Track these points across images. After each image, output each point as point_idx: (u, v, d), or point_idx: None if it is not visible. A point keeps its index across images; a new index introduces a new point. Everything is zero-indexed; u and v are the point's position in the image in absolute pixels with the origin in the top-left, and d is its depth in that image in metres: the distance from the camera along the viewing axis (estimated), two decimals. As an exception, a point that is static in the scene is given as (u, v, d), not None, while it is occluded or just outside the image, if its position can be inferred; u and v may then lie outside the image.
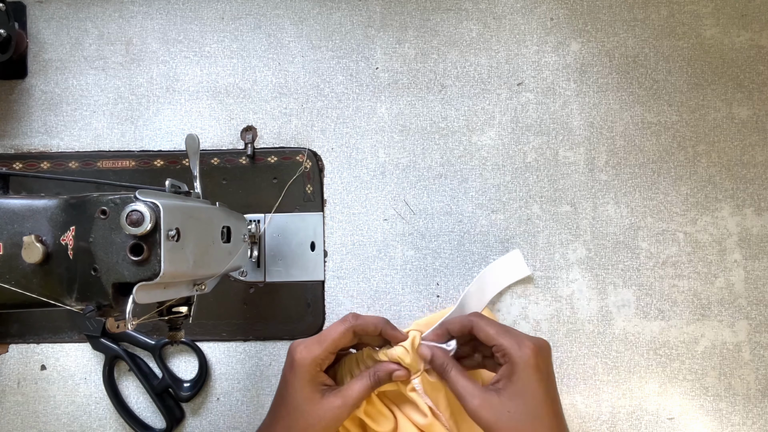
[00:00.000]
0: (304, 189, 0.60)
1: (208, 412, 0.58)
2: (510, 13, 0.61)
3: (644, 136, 0.60)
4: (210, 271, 0.45)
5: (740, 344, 0.57)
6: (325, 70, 0.61)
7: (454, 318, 0.50)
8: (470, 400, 0.44)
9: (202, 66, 0.61)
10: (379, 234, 0.59)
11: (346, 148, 0.60)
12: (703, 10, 0.61)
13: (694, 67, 0.60)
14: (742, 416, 0.57)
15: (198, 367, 0.58)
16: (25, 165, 0.60)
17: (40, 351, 0.59)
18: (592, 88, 0.60)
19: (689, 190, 0.59)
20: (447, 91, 0.61)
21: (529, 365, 0.43)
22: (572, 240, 0.59)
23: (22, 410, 0.58)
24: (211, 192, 0.59)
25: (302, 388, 0.47)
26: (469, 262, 0.59)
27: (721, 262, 0.58)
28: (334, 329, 0.49)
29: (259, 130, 0.61)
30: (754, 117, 0.59)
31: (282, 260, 0.59)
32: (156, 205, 0.36)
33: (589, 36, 0.61)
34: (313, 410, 0.47)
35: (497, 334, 0.46)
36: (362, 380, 0.48)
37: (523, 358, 0.44)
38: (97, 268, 0.36)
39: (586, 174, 0.59)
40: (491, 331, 0.46)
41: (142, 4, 0.62)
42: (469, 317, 0.49)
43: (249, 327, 0.59)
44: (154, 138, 0.61)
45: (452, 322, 0.49)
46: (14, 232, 0.39)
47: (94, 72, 0.62)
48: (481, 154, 0.60)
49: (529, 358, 0.44)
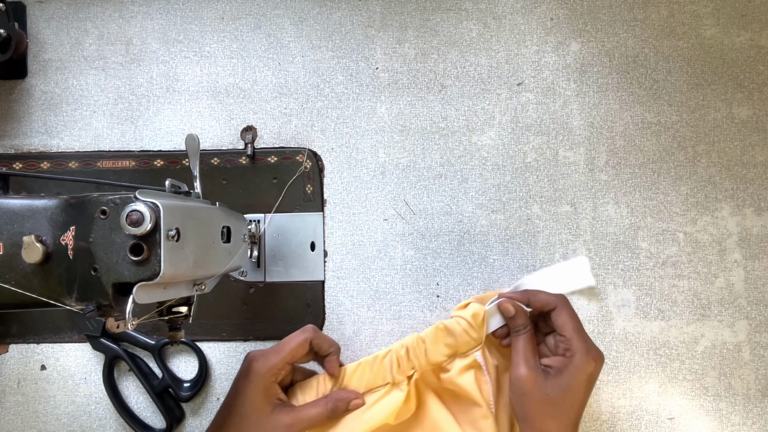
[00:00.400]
0: (304, 189, 0.60)
1: (208, 412, 0.58)
2: (510, 13, 0.61)
3: (644, 136, 0.60)
4: (210, 271, 0.45)
5: (740, 344, 0.57)
6: (325, 70, 0.61)
7: (541, 291, 0.50)
8: (523, 367, 0.46)
9: (202, 66, 0.61)
10: (379, 234, 0.59)
11: (346, 148, 0.60)
12: (703, 10, 0.61)
13: (694, 67, 0.60)
14: (742, 416, 0.57)
15: (198, 367, 0.58)
16: (25, 165, 0.60)
17: (40, 351, 0.59)
18: (592, 88, 0.60)
19: (689, 190, 0.59)
20: (447, 91, 0.61)
21: (585, 372, 0.45)
22: (572, 240, 0.59)
23: (22, 410, 0.58)
24: (211, 192, 0.59)
25: (254, 398, 0.47)
26: (469, 262, 0.59)
27: (721, 262, 0.58)
28: (292, 338, 0.49)
29: (259, 130, 0.61)
30: (754, 117, 0.59)
31: (282, 260, 0.59)
32: (156, 205, 0.36)
33: (589, 36, 0.61)
34: (260, 422, 0.47)
35: (574, 330, 0.47)
36: (318, 407, 0.48)
37: (584, 365, 0.45)
38: (97, 268, 0.36)
39: (586, 174, 0.59)
40: (571, 325, 0.47)
41: (142, 4, 0.62)
42: (557, 297, 0.49)
43: (249, 327, 0.59)
44: (154, 138, 0.61)
45: (537, 294, 0.50)
46: (14, 232, 0.39)
47: (94, 72, 0.62)
48: (481, 154, 0.60)
49: (589, 367, 0.45)
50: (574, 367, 0.45)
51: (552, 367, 0.46)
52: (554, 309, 0.48)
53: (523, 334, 0.48)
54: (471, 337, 0.50)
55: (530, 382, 0.46)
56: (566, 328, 0.47)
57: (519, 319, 0.49)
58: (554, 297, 0.49)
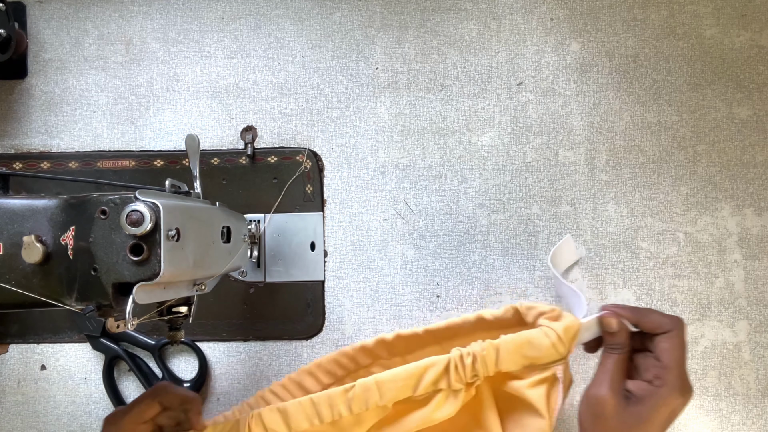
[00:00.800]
0: (304, 189, 0.60)
1: (208, 412, 0.58)
2: (510, 13, 0.61)
3: (644, 136, 0.60)
4: (210, 271, 0.45)
5: (740, 344, 0.57)
6: (325, 70, 0.61)
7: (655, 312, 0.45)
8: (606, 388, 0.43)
9: (202, 66, 0.61)
10: (379, 234, 0.59)
11: (346, 148, 0.60)
12: (703, 10, 0.61)
13: (694, 67, 0.60)
14: (742, 416, 0.57)
15: (198, 367, 0.58)
16: (25, 165, 0.60)
17: (40, 351, 0.59)
18: (592, 88, 0.60)
19: (689, 190, 0.59)
20: (447, 91, 0.61)
21: (669, 407, 0.42)
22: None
23: (22, 410, 0.58)
24: (211, 192, 0.59)
25: None
26: (469, 262, 0.59)
27: (721, 262, 0.58)
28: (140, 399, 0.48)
29: (259, 130, 0.61)
30: (754, 117, 0.59)
31: (282, 260, 0.59)
32: (156, 205, 0.36)
33: (589, 36, 0.61)
34: None
35: (675, 361, 0.42)
36: None
37: (670, 399, 0.42)
38: (97, 268, 0.36)
39: (586, 174, 0.59)
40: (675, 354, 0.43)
41: (142, 4, 0.62)
42: (673, 321, 0.44)
43: (249, 327, 0.59)
44: (154, 138, 0.61)
45: (650, 314, 0.45)
46: (14, 232, 0.39)
47: (94, 72, 0.62)
48: (481, 154, 0.60)
49: (675, 403, 0.42)
50: (658, 399, 0.42)
51: (634, 394, 0.43)
52: (666, 333, 0.43)
53: (617, 353, 0.44)
54: (557, 352, 0.44)
55: (610, 406, 0.42)
56: (668, 356, 0.42)
57: (619, 337, 0.44)
58: (670, 320, 0.44)
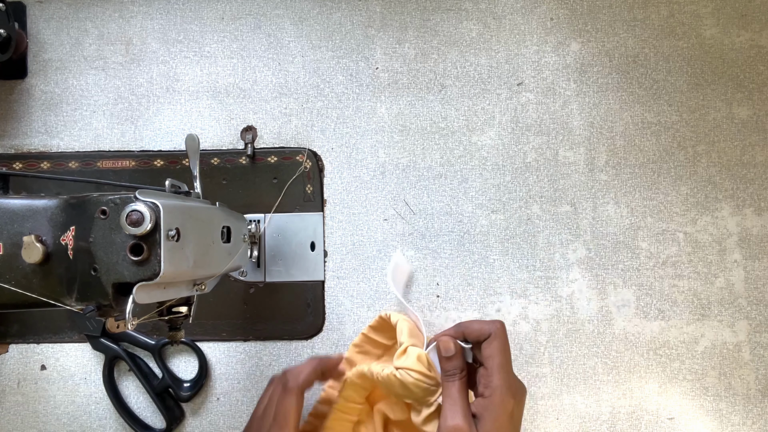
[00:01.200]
0: (304, 189, 0.60)
1: (208, 412, 0.58)
2: (510, 13, 0.61)
3: (644, 136, 0.60)
4: (210, 271, 0.45)
5: (740, 344, 0.57)
6: (325, 70, 0.61)
7: (475, 321, 0.46)
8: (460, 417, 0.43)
9: (202, 66, 0.61)
10: (379, 234, 0.59)
11: (346, 148, 0.60)
12: (703, 10, 0.61)
13: (694, 67, 0.60)
14: (742, 416, 0.57)
15: (198, 367, 0.58)
16: (25, 165, 0.60)
17: (40, 351, 0.59)
18: (592, 88, 0.60)
19: (689, 190, 0.59)
20: (447, 91, 0.61)
21: (506, 412, 0.42)
22: (572, 240, 0.59)
23: (22, 410, 0.58)
24: (211, 192, 0.59)
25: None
26: (469, 262, 0.59)
27: (721, 262, 0.58)
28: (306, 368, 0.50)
29: (259, 130, 0.61)
30: (754, 117, 0.59)
31: (282, 260, 0.59)
32: (156, 205, 0.36)
33: (589, 36, 0.61)
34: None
35: (499, 366, 0.43)
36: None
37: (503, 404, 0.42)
38: (97, 268, 0.36)
39: (586, 174, 0.59)
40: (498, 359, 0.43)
41: (142, 4, 0.62)
42: (492, 325, 0.45)
43: (249, 327, 0.59)
44: (154, 138, 0.61)
45: (471, 324, 0.46)
46: (14, 232, 0.39)
47: (94, 72, 0.62)
48: (481, 154, 0.60)
49: (509, 406, 0.42)
50: (494, 409, 0.42)
51: (475, 414, 0.43)
52: (488, 338, 0.44)
53: (458, 379, 0.44)
54: (427, 385, 0.46)
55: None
56: (491, 362, 0.43)
57: (455, 360, 0.45)
58: (489, 325, 0.45)
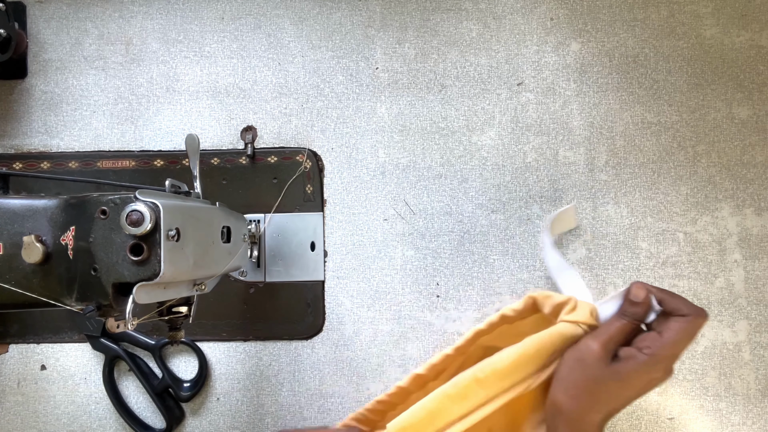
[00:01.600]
0: (304, 189, 0.60)
1: (208, 412, 0.58)
2: (510, 13, 0.61)
3: (644, 136, 0.60)
4: (210, 271, 0.45)
5: (740, 344, 0.57)
6: (325, 70, 0.61)
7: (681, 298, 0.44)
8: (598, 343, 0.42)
9: (202, 66, 0.61)
10: (379, 234, 0.59)
11: (346, 148, 0.60)
12: (703, 10, 0.61)
13: (694, 67, 0.60)
14: (742, 416, 0.57)
15: (198, 367, 0.58)
16: (25, 165, 0.60)
17: (40, 351, 0.59)
18: (592, 88, 0.60)
19: (689, 190, 0.59)
20: (447, 91, 0.61)
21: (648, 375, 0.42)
22: (572, 240, 0.59)
23: (22, 410, 0.58)
24: (211, 192, 0.59)
25: None
26: (469, 262, 0.59)
27: (721, 262, 0.58)
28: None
29: (259, 130, 0.61)
30: (754, 117, 0.59)
31: (282, 260, 0.59)
32: (156, 205, 0.36)
33: (589, 36, 0.61)
34: None
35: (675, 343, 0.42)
36: None
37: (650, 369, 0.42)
38: (97, 268, 0.36)
39: (586, 174, 0.59)
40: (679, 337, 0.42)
41: (142, 4, 0.62)
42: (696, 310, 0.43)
43: (249, 327, 0.59)
44: (154, 138, 0.61)
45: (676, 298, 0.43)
46: (14, 232, 0.39)
47: (94, 72, 0.62)
48: (481, 154, 0.60)
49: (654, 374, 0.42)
50: (641, 365, 0.41)
51: (620, 356, 0.42)
52: (682, 316, 0.42)
53: (627, 320, 0.43)
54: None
55: (595, 355, 0.42)
56: (670, 334, 0.41)
57: (638, 308, 0.43)
58: (691, 308, 0.42)
